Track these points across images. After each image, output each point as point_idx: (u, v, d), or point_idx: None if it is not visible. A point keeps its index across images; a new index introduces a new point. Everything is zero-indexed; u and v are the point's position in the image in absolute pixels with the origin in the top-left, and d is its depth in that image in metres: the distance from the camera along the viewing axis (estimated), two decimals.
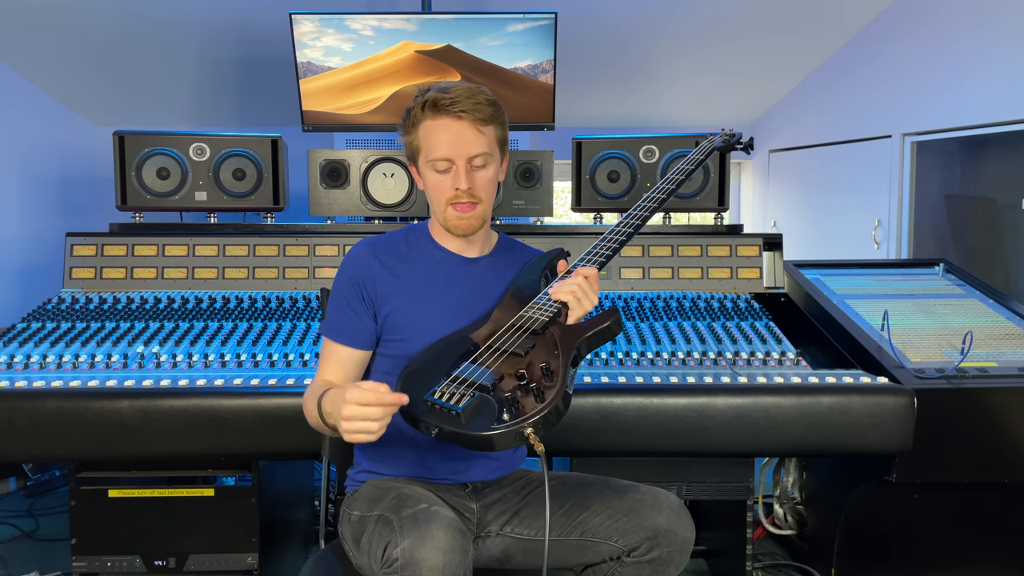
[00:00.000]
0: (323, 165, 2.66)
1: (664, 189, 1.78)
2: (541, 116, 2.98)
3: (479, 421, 1.28)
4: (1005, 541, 2.10)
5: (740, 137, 2.06)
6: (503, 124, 1.56)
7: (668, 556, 1.41)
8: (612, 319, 1.45)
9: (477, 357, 1.40)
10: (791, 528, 2.47)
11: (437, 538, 1.24)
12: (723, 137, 2.04)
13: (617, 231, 1.66)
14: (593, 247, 1.61)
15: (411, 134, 1.54)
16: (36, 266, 3.41)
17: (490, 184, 1.55)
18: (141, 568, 1.98)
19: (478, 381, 1.34)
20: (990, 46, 2.94)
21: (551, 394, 1.32)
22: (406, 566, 1.23)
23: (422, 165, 1.54)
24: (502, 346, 1.41)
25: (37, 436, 1.80)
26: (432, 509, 1.30)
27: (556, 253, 1.63)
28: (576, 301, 1.45)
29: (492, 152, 1.54)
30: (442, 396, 1.32)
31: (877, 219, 3.47)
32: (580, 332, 1.43)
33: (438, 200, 1.54)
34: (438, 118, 1.49)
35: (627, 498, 1.46)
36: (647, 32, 3.52)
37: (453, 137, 1.49)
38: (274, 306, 2.34)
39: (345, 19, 2.90)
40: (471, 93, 1.50)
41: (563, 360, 1.37)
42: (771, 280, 2.56)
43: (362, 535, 1.42)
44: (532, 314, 1.46)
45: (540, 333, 1.43)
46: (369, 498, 1.47)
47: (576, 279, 1.46)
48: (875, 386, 1.87)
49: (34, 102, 3.61)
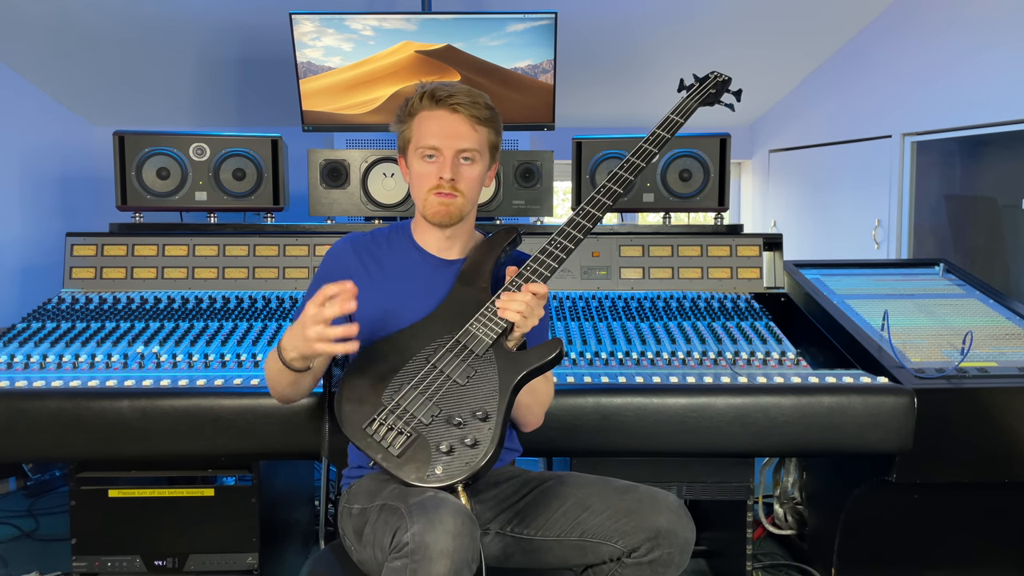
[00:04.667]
0: (323, 165, 2.66)
1: (645, 150, 1.61)
2: (541, 116, 2.98)
3: (412, 467, 1.35)
4: (1005, 541, 2.11)
5: (729, 81, 1.78)
6: (498, 131, 1.57)
7: (669, 557, 1.41)
8: (555, 352, 1.43)
9: (419, 381, 1.42)
10: (791, 528, 2.47)
11: (447, 523, 1.24)
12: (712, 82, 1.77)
13: (585, 212, 1.54)
14: (550, 242, 1.51)
15: (405, 123, 1.55)
16: (36, 266, 3.41)
17: (475, 182, 1.55)
18: (141, 568, 1.98)
19: (416, 416, 1.38)
20: (990, 46, 2.94)
21: (484, 450, 1.35)
22: (416, 550, 1.23)
23: (411, 154, 1.55)
24: (444, 368, 1.43)
25: (37, 436, 1.80)
26: (440, 495, 1.31)
27: (510, 239, 1.58)
28: (523, 320, 1.42)
29: (482, 152, 1.54)
30: (379, 429, 1.39)
31: (877, 219, 3.47)
32: (521, 367, 1.42)
33: (421, 188, 1.54)
34: (434, 109, 1.51)
35: (627, 498, 1.45)
36: (647, 32, 3.52)
37: (445, 128, 1.51)
38: (274, 306, 2.34)
39: (345, 19, 2.90)
40: (471, 92, 1.53)
41: (501, 405, 1.39)
42: (771, 280, 2.56)
43: (364, 527, 1.42)
44: (477, 331, 1.45)
45: (482, 356, 1.43)
46: (369, 491, 1.47)
47: (525, 296, 1.43)
48: (875, 386, 1.87)
49: (34, 102, 3.61)
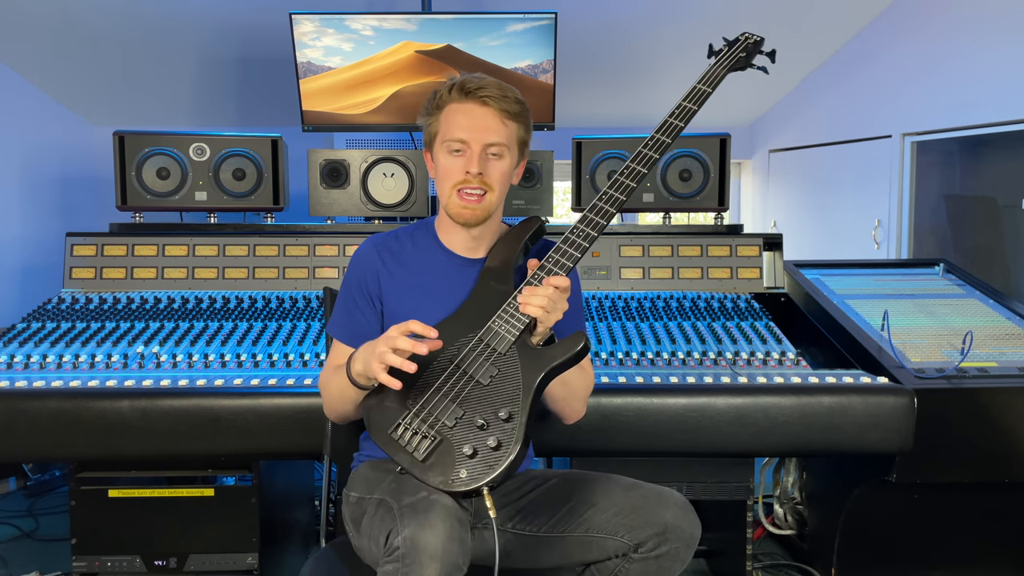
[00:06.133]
0: (323, 165, 2.66)
1: (671, 126, 1.58)
2: (541, 116, 2.98)
3: (438, 470, 1.34)
4: (1005, 541, 2.10)
5: (761, 41, 1.73)
6: (527, 127, 1.54)
7: (675, 552, 1.41)
8: (580, 346, 1.39)
9: (443, 383, 1.40)
10: (791, 528, 2.47)
11: (436, 526, 1.25)
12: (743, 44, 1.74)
13: (608, 198, 1.50)
14: (572, 230, 1.47)
15: (432, 116, 1.51)
16: (36, 266, 3.41)
17: (503, 177, 1.51)
18: (141, 568, 1.98)
19: (440, 420, 1.37)
20: (990, 46, 2.94)
21: (508, 451, 1.33)
22: (407, 554, 1.24)
23: (437, 147, 1.51)
24: (468, 369, 1.41)
25: (37, 436, 1.80)
26: (432, 497, 1.31)
27: (533, 229, 1.55)
28: (545, 315, 1.39)
29: (510, 146, 1.51)
30: (404, 433, 1.37)
31: (877, 219, 3.47)
32: (545, 363, 1.39)
33: (446, 184, 1.49)
34: (464, 102, 1.48)
35: (633, 495, 1.45)
36: (647, 32, 3.52)
37: (475, 121, 1.47)
38: (274, 306, 2.34)
39: (345, 19, 2.90)
40: (501, 86, 1.49)
41: (524, 404, 1.37)
42: (771, 280, 2.56)
43: (362, 517, 1.42)
44: (500, 328, 1.42)
45: (505, 354, 1.40)
46: (366, 479, 1.47)
47: (547, 290, 1.39)
48: (875, 386, 1.87)
49: (34, 102, 3.61)
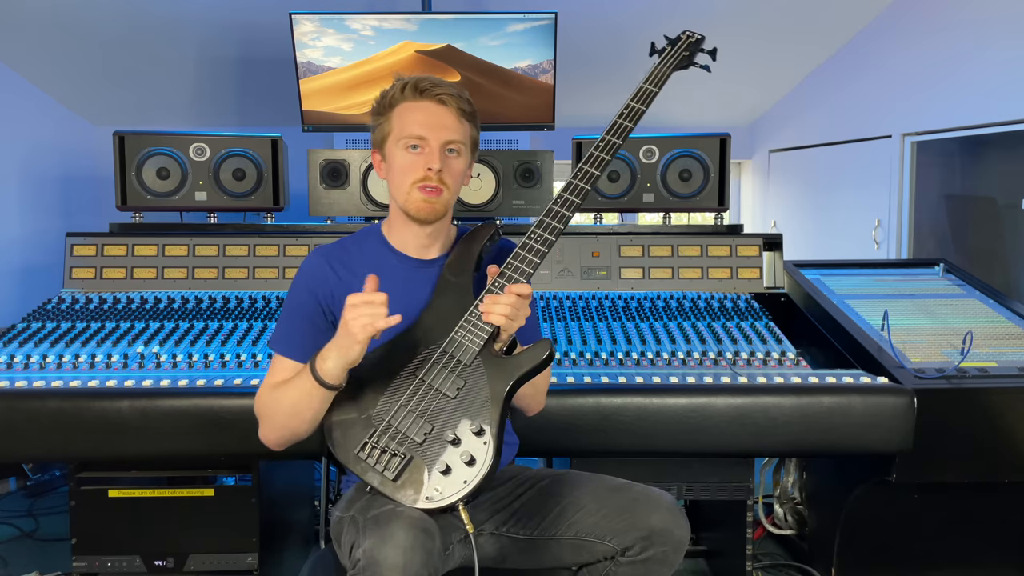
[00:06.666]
0: (323, 165, 2.66)
1: (620, 128, 1.55)
2: (541, 116, 2.98)
3: (410, 488, 1.33)
4: (1005, 541, 2.10)
5: (702, 40, 1.74)
6: (478, 128, 1.54)
7: (663, 555, 1.41)
8: (546, 354, 1.38)
9: (409, 398, 1.38)
10: (791, 528, 2.47)
11: (397, 537, 1.24)
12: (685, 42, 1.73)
13: (563, 201, 1.49)
14: (530, 235, 1.46)
15: (383, 115, 1.49)
16: (36, 266, 3.41)
17: (459, 175, 1.50)
18: (141, 568, 1.98)
19: (409, 436, 1.35)
20: (990, 46, 2.94)
21: (481, 465, 1.32)
22: (367, 567, 1.24)
23: (390, 146, 1.48)
24: (433, 382, 1.39)
25: (37, 436, 1.80)
26: (397, 509, 1.30)
27: (489, 235, 1.54)
28: (509, 323, 1.37)
29: (467, 145, 1.50)
30: (372, 452, 1.36)
31: (877, 219, 3.47)
32: (512, 373, 1.38)
33: (403, 182, 1.46)
34: (419, 100, 1.47)
35: (621, 497, 1.45)
36: (647, 32, 3.51)
37: (432, 118, 1.46)
38: (274, 306, 2.33)
39: (345, 19, 2.90)
40: (454, 86, 1.49)
41: (494, 416, 1.35)
42: (771, 280, 2.56)
43: (341, 535, 1.43)
44: (463, 339, 1.40)
45: (470, 364, 1.39)
46: (349, 499, 1.47)
47: (510, 298, 1.37)
48: (875, 386, 1.87)
49: (34, 102, 3.61)
